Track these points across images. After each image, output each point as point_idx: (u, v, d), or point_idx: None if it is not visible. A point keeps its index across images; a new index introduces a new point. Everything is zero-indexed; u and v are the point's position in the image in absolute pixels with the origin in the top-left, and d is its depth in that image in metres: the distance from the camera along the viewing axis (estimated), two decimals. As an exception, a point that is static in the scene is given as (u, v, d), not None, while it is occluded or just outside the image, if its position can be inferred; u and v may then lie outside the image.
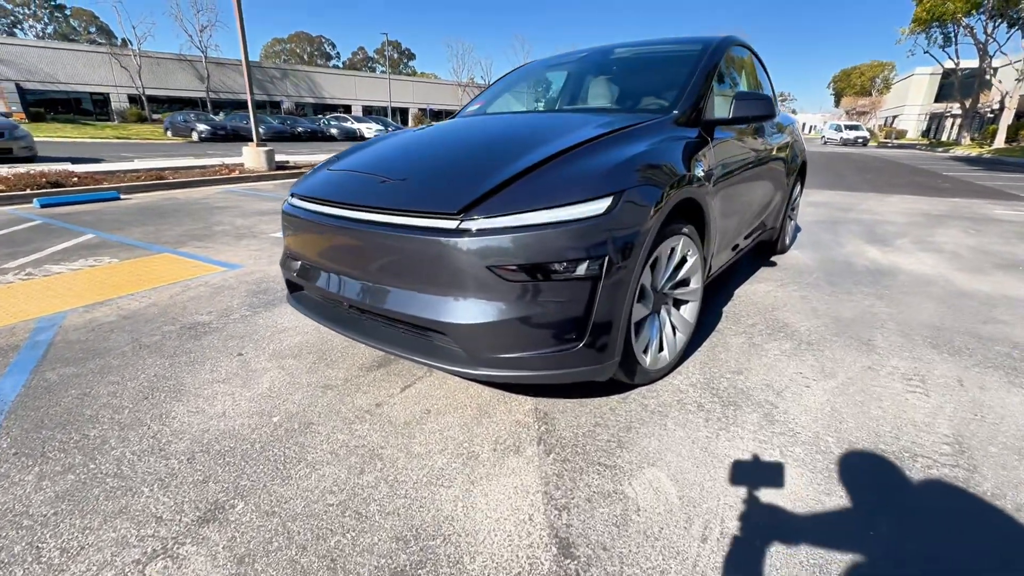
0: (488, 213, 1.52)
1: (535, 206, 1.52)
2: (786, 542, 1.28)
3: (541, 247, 1.49)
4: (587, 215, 1.53)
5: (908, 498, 1.44)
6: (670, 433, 1.73)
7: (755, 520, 1.35)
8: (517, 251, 1.49)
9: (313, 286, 2.01)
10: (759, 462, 1.58)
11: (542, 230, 1.49)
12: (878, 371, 2.20)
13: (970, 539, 1.31)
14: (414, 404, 1.94)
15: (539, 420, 1.82)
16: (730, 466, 1.57)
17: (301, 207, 2.05)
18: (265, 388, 2.07)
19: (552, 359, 1.60)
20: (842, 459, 1.60)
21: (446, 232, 1.54)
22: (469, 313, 1.55)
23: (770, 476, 1.52)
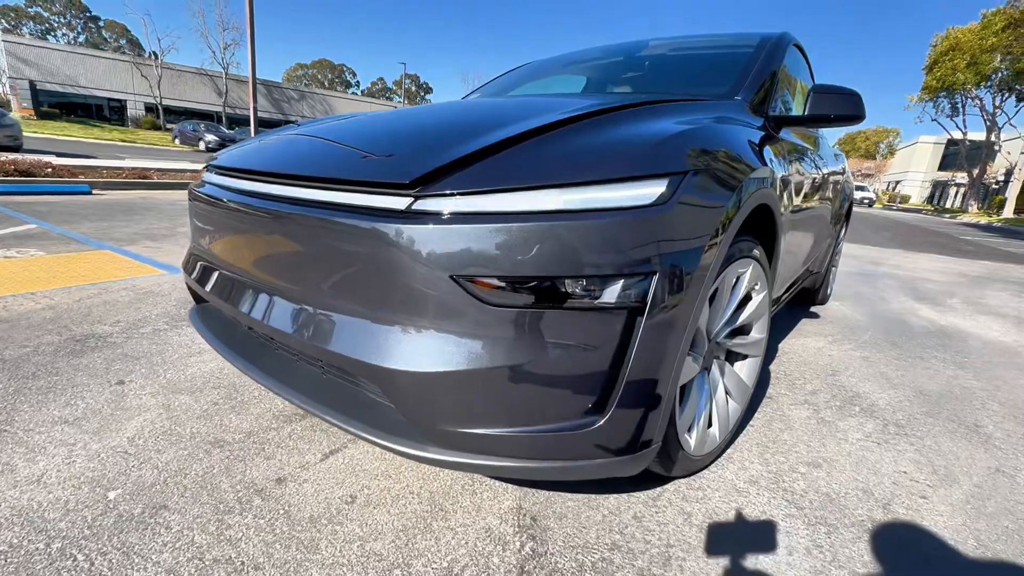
0: (460, 188, 0.91)
1: (540, 182, 0.91)
2: None
3: (546, 250, 0.87)
4: (626, 204, 0.91)
5: None
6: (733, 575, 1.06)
7: None
8: (504, 253, 0.87)
9: (212, 296, 1.38)
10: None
11: (550, 220, 0.87)
12: (1014, 477, 1.53)
13: None
14: (335, 485, 1.27)
15: (522, 531, 1.14)
16: (849, 657, 0.89)
17: (212, 182, 1.45)
18: (126, 438, 1.40)
19: (553, 442, 0.95)
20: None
21: (390, 215, 0.92)
22: (416, 354, 0.91)
23: None
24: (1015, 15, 21.33)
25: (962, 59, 25.09)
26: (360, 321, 0.98)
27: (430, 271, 0.89)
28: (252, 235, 1.18)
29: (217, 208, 1.32)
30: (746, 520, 1.23)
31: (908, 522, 1.28)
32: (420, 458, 0.97)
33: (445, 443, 0.95)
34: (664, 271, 0.93)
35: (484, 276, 0.87)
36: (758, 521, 1.23)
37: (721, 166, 1.13)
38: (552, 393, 0.93)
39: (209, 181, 1.48)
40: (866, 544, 1.18)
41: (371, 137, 1.22)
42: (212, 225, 1.37)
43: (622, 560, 1.07)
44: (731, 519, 1.23)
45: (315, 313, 1.05)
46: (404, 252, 0.90)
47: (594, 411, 0.95)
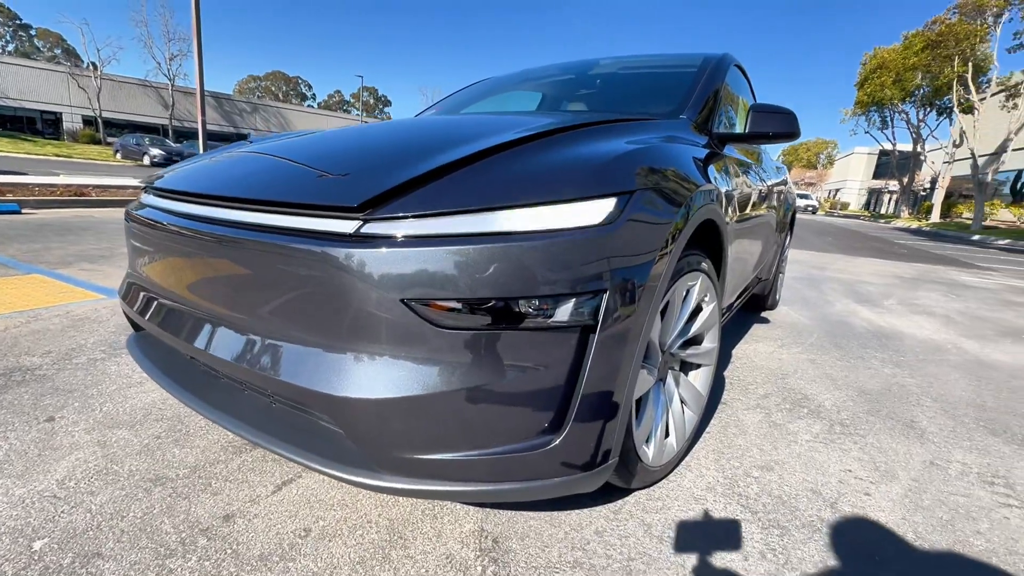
0: (410, 211, 0.90)
1: (489, 203, 0.91)
2: None
3: (498, 271, 0.87)
4: (576, 224, 0.93)
5: None
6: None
7: None
8: (455, 276, 0.86)
9: (150, 324, 1.31)
10: (847, 649, 0.94)
11: (501, 242, 0.88)
12: (946, 469, 1.64)
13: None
14: (288, 518, 1.21)
15: (484, 554, 1.13)
16: (803, 658, 0.92)
17: (149, 205, 1.38)
18: (55, 481, 1.30)
19: (511, 463, 0.94)
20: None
21: (337, 239, 0.90)
22: (365, 381, 0.89)
23: None
24: (932, 37, 23.26)
25: (888, 76, 27.10)
26: (308, 348, 0.95)
27: (380, 295, 0.87)
28: (194, 261, 1.13)
29: (157, 232, 1.26)
30: (704, 528, 1.26)
31: (854, 519, 1.34)
32: (375, 487, 0.94)
33: (400, 471, 0.93)
34: (615, 287, 0.95)
35: (436, 299, 0.87)
36: (716, 528, 1.26)
37: (668, 184, 1.17)
38: (508, 414, 0.92)
39: (148, 203, 1.41)
40: (816, 544, 1.23)
41: (320, 157, 1.20)
42: (152, 250, 1.30)
43: (573, 570, 1.07)
44: (690, 528, 1.25)
45: (262, 341, 1.01)
46: (353, 277, 0.88)
47: (551, 430, 0.95)
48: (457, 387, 0.88)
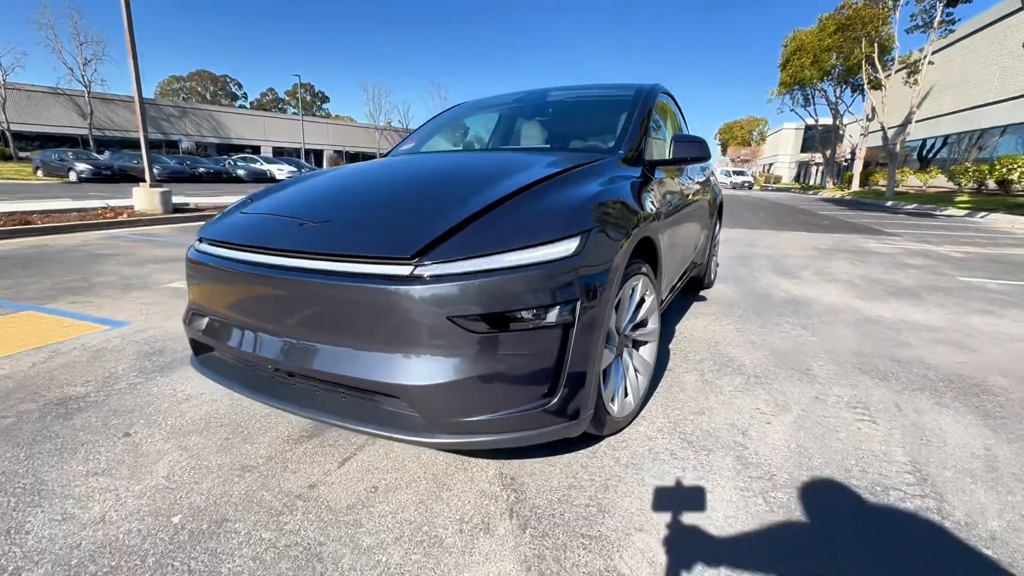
0: (446, 257, 1.34)
1: (499, 248, 1.37)
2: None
3: (509, 293, 1.33)
4: (556, 256, 1.40)
5: (895, 538, 1.40)
6: (650, 490, 1.59)
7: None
8: (482, 299, 1.32)
9: (227, 346, 1.68)
10: (747, 513, 1.48)
11: (509, 274, 1.34)
12: (825, 401, 2.25)
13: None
14: (357, 482, 1.64)
15: (506, 487, 1.60)
16: (719, 521, 1.45)
17: (211, 253, 1.74)
18: (162, 478, 1.66)
19: (524, 418, 1.41)
20: (821, 502, 1.55)
21: (398, 280, 1.33)
22: (427, 372, 1.33)
23: (760, 528, 1.42)
24: (842, 20, 25.24)
25: (807, 58, 29.16)
26: (377, 354, 1.37)
27: (429, 314, 1.31)
28: (268, 297, 1.52)
29: (226, 274, 1.62)
30: (657, 454, 1.78)
31: (758, 439, 1.90)
32: (433, 444, 1.39)
33: (451, 430, 1.38)
34: (584, 295, 1.43)
35: (468, 313, 1.31)
36: (663, 455, 1.79)
37: (614, 219, 1.66)
38: (520, 385, 1.39)
39: (204, 251, 1.76)
40: (731, 457, 1.78)
41: (361, 211, 1.61)
42: (220, 288, 1.67)
43: (577, 493, 1.57)
44: (646, 456, 1.77)
45: (338, 350, 1.42)
46: (409, 302, 1.31)
47: (549, 394, 1.42)
48: (486, 371, 1.34)
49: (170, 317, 3.40)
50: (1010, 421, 2.08)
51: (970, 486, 1.64)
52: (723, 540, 1.38)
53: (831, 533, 1.41)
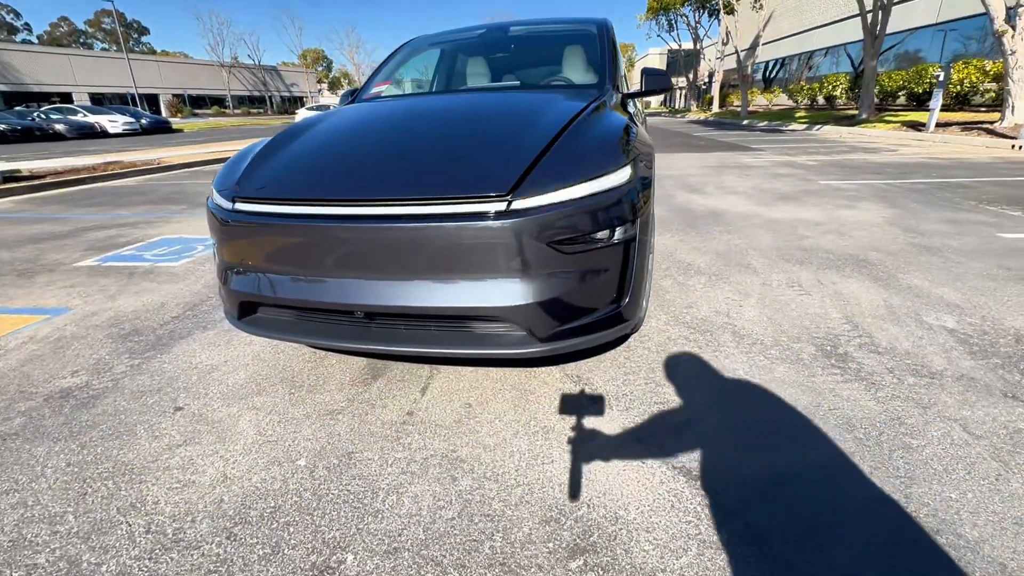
0: (535, 191, 1.53)
1: (575, 179, 1.58)
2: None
3: (591, 218, 1.56)
4: (618, 183, 1.65)
5: (850, 360, 1.99)
6: (684, 366, 2.02)
7: (766, 403, 1.72)
8: (571, 225, 1.54)
9: (293, 299, 1.71)
10: (756, 367, 1.97)
11: (590, 200, 1.56)
12: (771, 285, 2.85)
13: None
14: (447, 402, 1.84)
15: (577, 382, 1.92)
16: (735, 377, 1.92)
17: (260, 212, 1.71)
18: (253, 436, 1.71)
19: (603, 322, 1.71)
20: (798, 351, 2.10)
21: (499, 215, 1.50)
22: (531, 292, 1.55)
23: (767, 375, 1.92)
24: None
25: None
26: (482, 283, 1.55)
27: (528, 242, 1.51)
28: (356, 249, 1.59)
29: (291, 231, 1.63)
30: (674, 340, 2.21)
31: (738, 317, 2.42)
32: (531, 354, 1.64)
33: (551, 339, 1.63)
34: (639, 214, 1.70)
35: (562, 239, 1.54)
36: (679, 340, 2.22)
37: (638, 146, 1.92)
38: (599, 295, 1.67)
39: (257, 211, 1.72)
40: (727, 333, 2.27)
41: (433, 153, 1.70)
42: (284, 246, 1.68)
43: (627, 375, 1.94)
44: (668, 343, 2.19)
45: (442, 287, 1.57)
46: (509, 235, 1.49)
47: (618, 299, 1.72)
48: (575, 285, 1.60)
49: (114, 297, 3.07)
50: (891, 281, 2.85)
51: (884, 325, 2.30)
52: (741, 382, 1.85)
53: (813, 366, 1.95)
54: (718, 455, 1.52)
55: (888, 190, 5.72)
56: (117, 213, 5.75)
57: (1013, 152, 8.96)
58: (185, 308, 2.86)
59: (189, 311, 2.82)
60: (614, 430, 1.65)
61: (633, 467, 1.48)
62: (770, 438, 1.58)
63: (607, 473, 1.47)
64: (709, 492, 1.38)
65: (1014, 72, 10.38)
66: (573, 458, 1.53)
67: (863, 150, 10.06)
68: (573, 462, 1.51)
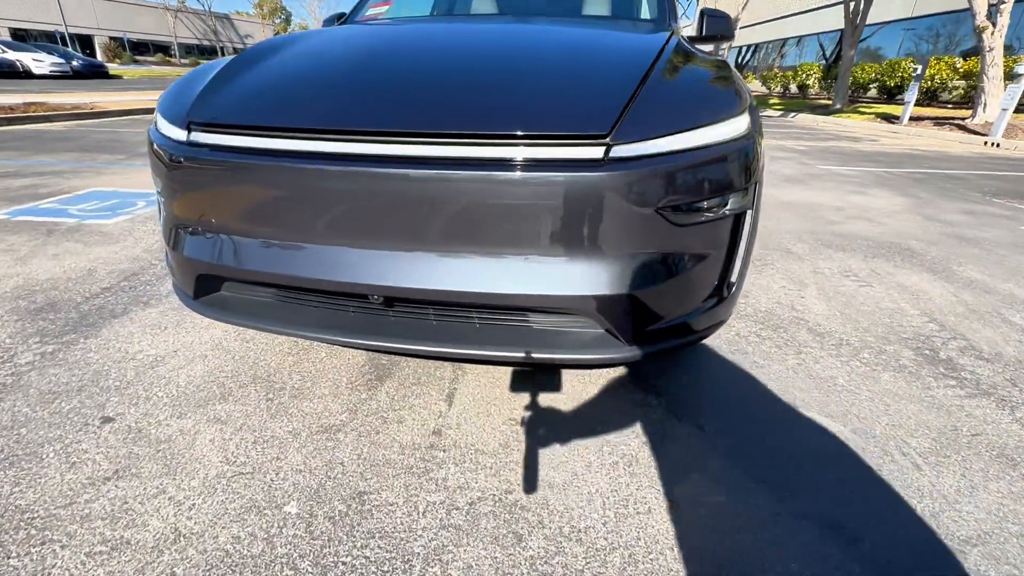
0: (642, 134, 1.07)
1: (689, 124, 1.13)
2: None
3: (707, 177, 1.13)
4: (736, 135, 1.21)
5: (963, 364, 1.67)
6: (769, 371, 1.65)
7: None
8: (685, 184, 1.10)
9: (277, 275, 1.21)
10: (861, 375, 1.63)
11: (706, 154, 1.12)
12: (823, 273, 2.52)
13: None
14: (485, 418, 1.40)
15: (648, 390, 1.51)
16: (837, 385, 1.57)
17: (232, 146, 1.18)
18: (218, 464, 1.22)
19: (707, 315, 1.29)
20: (897, 355, 1.77)
21: (592, 165, 1.04)
22: (627, 277, 1.11)
23: (885, 390, 1.57)
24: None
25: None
26: (559, 262, 1.10)
27: (630, 206, 1.06)
28: (377, 203, 1.09)
29: (288, 176, 1.12)
30: (746, 338, 1.84)
31: (806, 312, 2.07)
32: (616, 361, 1.21)
33: (643, 341, 1.20)
34: (757, 177, 1.27)
35: (672, 204, 1.10)
36: (752, 337, 1.85)
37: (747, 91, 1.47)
38: (704, 281, 1.25)
39: (212, 143, 1.19)
40: (805, 332, 1.91)
41: (488, 82, 1.20)
42: (272, 195, 1.16)
43: (705, 380, 1.55)
44: (742, 342, 1.81)
45: (498, 265, 1.10)
46: (606, 194, 1.04)
47: (723, 286, 1.30)
48: (686, 269, 1.17)
49: (25, 260, 2.42)
50: (949, 274, 2.58)
51: (972, 325, 2.01)
52: (849, 394, 1.50)
53: (922, 375, 1.63)
54: (869, 505, 1.16)
55: (888, 178, 5.57)
56: (38, 160, 4.86)
57: (987, 148, 9.12)
58: (120, 277, 2.26)
59: (125, 281, 2.22)
60: (721, 466, 1.25)
61: (762, 521, 1.10)
62: (923, 479, 1.23)
63: (724, 531, 1.07)
64: (885, 565, 1.01)
65: (990, 69, 10.54)
66: (673, 509, 1.13)
67: (846, 138, 10.03)
68: (675, 515, 1.11)
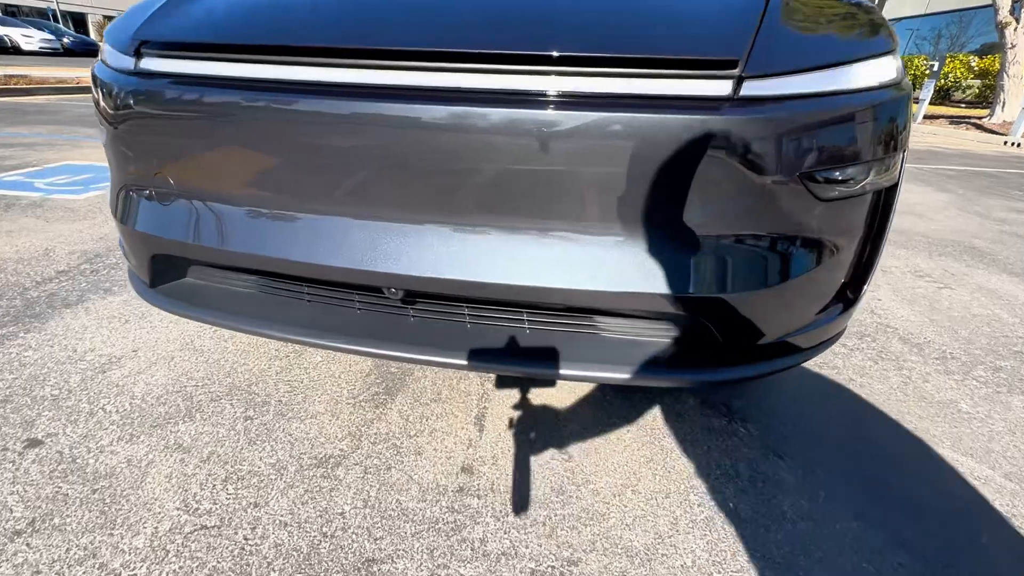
0: (781, 66, 0.75)
1: (834, 58, 0.81)
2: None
3: (859, 134, 0.81)
4: (888, 80, 0.88)
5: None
6: (873, 390, 1.34)
7: None
8: (834, 141, 0.78)
9: (261, 257, 0.88)
10: (993, 404, 1.32)
11: (859, 99, 0.80)
12: (892, 272, 2.21)
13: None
14: (527, 447, 1.08)
15: (729, 417, 1.19)
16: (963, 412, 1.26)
17: (195, 74, 0.85)
18: (175, 513, 0.90)
19: (828, 326, 0.97)
20: (1007, 364, 1.46)
21: (710, 105, 0.72)
22: (750, 272, 0.80)
23: (1006, 413, 1.27)
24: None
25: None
26: (661, 245, 0.78)
27: (767, 167, 0.74)
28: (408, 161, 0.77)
29: (282, 115, 0.79)
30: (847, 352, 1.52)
31: (891, 318, 1.76)
32: (717, 381, 0.90)
33: (758, 357, 0.89)
34: (906, 144, 0.94)
35: (819, 169, 0.78)
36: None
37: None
38: (835, 278, 0.92)
39: (189, 73, 0.86)
40: (897, 340, 1.60)
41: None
42: (260, 148, 0.83)
43: (796, 404, 1.24)
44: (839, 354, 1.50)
45: (573, 248, 0.79)
46: (733, 152, 0.72)
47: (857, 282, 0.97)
48: (820, 263, 0.85)
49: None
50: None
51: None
52: (982, 423, 1.19)
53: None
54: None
55: (919, 173, 5.27)
56: (12, 131, 4.48)
57: (1008, 148, 8.85)
58: (81, 258, 1.93)
59: (86, 263, 1.89)
60: (856, 532, 0.94)
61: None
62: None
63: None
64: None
65: (1011, 67, 10.23)
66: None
67: (862, 134, 9.74)
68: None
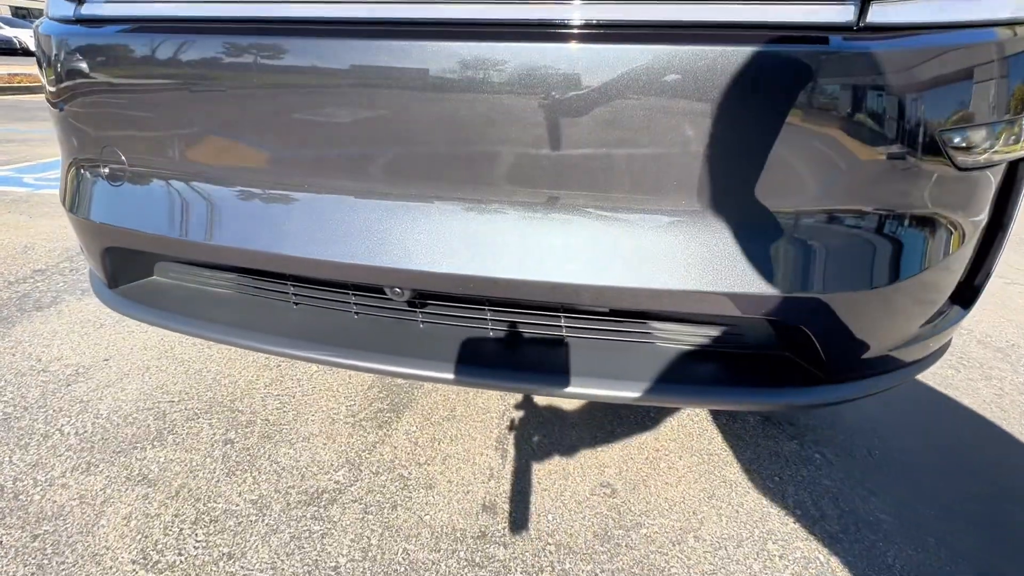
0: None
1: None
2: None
3: (1009, 84, 0.61)
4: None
5: None
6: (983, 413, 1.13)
7: None
8: (989, 90, 0.59)
9: (242, 250, 0.70)
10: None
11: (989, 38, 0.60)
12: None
13: None
14: (561, 480, 0.89)
15: (801, 440, 1.00)
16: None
17: (150, 16, 0.67)
18: (125, 570, 0.72)
19: (943, 332, 0.77)
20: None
21: (827, 36, 0.53)
22: (863, 264, 0.61)
23: None
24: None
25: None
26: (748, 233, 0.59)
27: (903, 127, 0.55)
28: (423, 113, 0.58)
29: (279, 67, 0.61)
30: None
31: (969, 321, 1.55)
32: (817, 404, 0.71)
33: (852, 375, 0.69)
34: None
35: (969, 127, 0.58)
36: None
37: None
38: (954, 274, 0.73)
39: (133, 15, 0.68)
40: (991, 352, 1.40)
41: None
42: (239, 107, 0.65)
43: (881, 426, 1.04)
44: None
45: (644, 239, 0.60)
46: (863, 99, 0.53)
47: (973, 288, 0.79)
48: (948, 252, 0.65)
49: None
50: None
51: None
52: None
53: None
54: None
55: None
56: (10, 128, 4.37)
57: None
58: (61, 256, 1.77)
59: (66, 262, 1.73)
60: None
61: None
62: None
63: None
64: None
65: None
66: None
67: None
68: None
